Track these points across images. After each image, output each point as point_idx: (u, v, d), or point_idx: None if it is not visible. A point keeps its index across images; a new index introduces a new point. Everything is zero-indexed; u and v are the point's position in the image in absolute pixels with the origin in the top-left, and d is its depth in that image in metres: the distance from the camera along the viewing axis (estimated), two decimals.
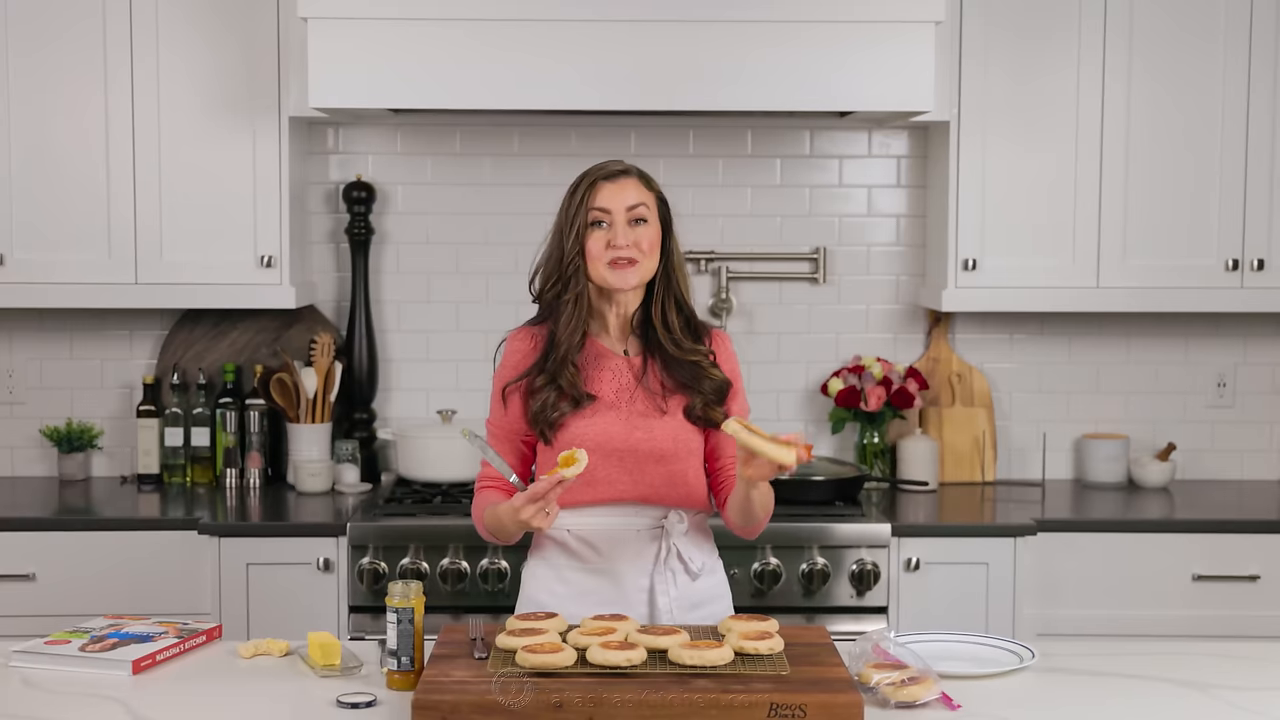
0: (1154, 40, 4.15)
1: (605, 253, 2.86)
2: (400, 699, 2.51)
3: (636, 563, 2.91)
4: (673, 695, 2.33)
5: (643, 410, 2.89)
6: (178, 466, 4.43)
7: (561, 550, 2.93)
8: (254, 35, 4.10)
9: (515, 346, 2.95)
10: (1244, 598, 3.99)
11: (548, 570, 2.95)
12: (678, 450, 2.89)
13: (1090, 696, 2.57)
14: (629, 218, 2.87)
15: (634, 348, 2.96)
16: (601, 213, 2.87)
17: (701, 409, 2.91)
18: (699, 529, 2.98)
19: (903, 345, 4.58)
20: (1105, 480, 4.45)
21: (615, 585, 2.90)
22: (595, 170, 2.92)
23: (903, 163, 4.52)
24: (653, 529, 2.91)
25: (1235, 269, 4.19)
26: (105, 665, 2.66)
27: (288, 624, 3.77)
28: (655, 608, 2.90)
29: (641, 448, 2.87)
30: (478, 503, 2.95)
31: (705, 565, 2.96)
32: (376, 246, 4.50)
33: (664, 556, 2.91)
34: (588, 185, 2.89)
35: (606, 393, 2.89)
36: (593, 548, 2.91)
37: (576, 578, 2.92)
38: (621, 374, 2.92)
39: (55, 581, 3.91)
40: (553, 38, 3.81)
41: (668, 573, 2.91)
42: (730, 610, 3.01)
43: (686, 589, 2.93)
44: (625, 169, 2.93)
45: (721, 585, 3.02)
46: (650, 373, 2.92)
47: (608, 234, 2.86)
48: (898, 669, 2.51)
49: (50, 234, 4.14)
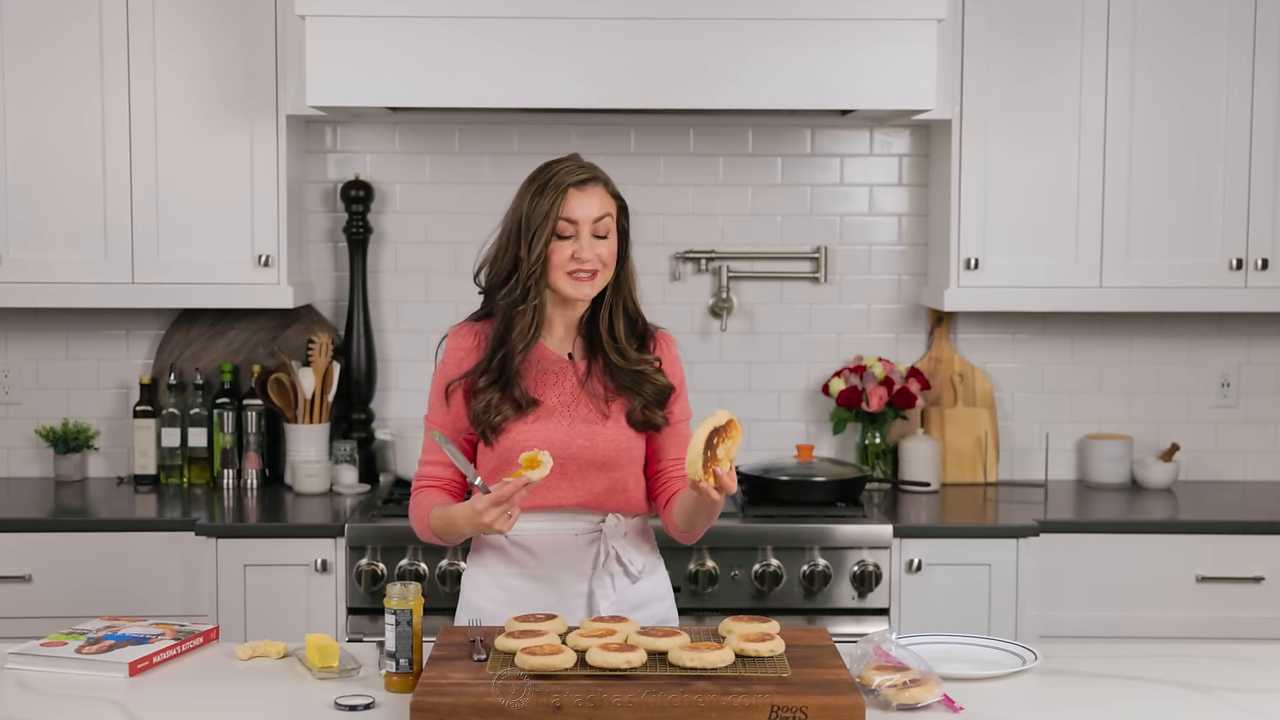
0: (1157, 38, 4.14)
1: (568, 263, 2.81)
2: (399, 701, 2.50)
3: (575, 567, 2.89)
4: (673, 697, 2.32)
5: (585, 415, 2.87)
6: (174, 467, 4.42)
7: (499, 556, 2.91)
8: (251, 33, 4.09)
9: (458, 344, 2.91)
10: (1248, 599, 3.98)
11: (486, 576, 2.93)
12: (619, 458, 2.87)
13: (1093, 698, 2.56)
14: (593, 230, 2.82)
15: (579, 350, 2.93)
16: (568, 224, 2.80)
17: (643, 413, 2.89)
18: (638, 532, 2.95)
19: (904, 345, 4.57)
20: (1108, 481, 4.44)
21: (554, 590, 2.88)
22: (561, 174, 2.82)
23: (904, 161, 4.51)
24: (591, 533, 2.89)
25: (1239, 268, 4.19)
26: (101, 667, 2.65)
27: (285, 626, 3.77)
28: (595, 612, 2.87)
29: (583, 455, 2.84)
30: (419, 502, 2.90)
31: (645, 566, 2.94)
32: (375, 246, 4.49)
33: (603, 560, 2.89)
34: (556, 192, 2.80)
35: (550, 397, 2.87)
36: (530, 553, 2.88)
37: (515, 583, 2.90)
38: (565, 377, 2.89)
39: (51, 583, 3.90)
40: (552, 35, 3.80)
41: (606, 576, 2.89)
42: (673, 609, 3.00)
43: (626, 592, 2.91)
44: (593, 175, 2.85)
45: (664, 584, 3.00)
46: (594, 376, 2.90)
47: (573, 245, 2.80)
48: (899, 671, 2.50)
49: (46, 233, 4.13)
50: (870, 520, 3.92)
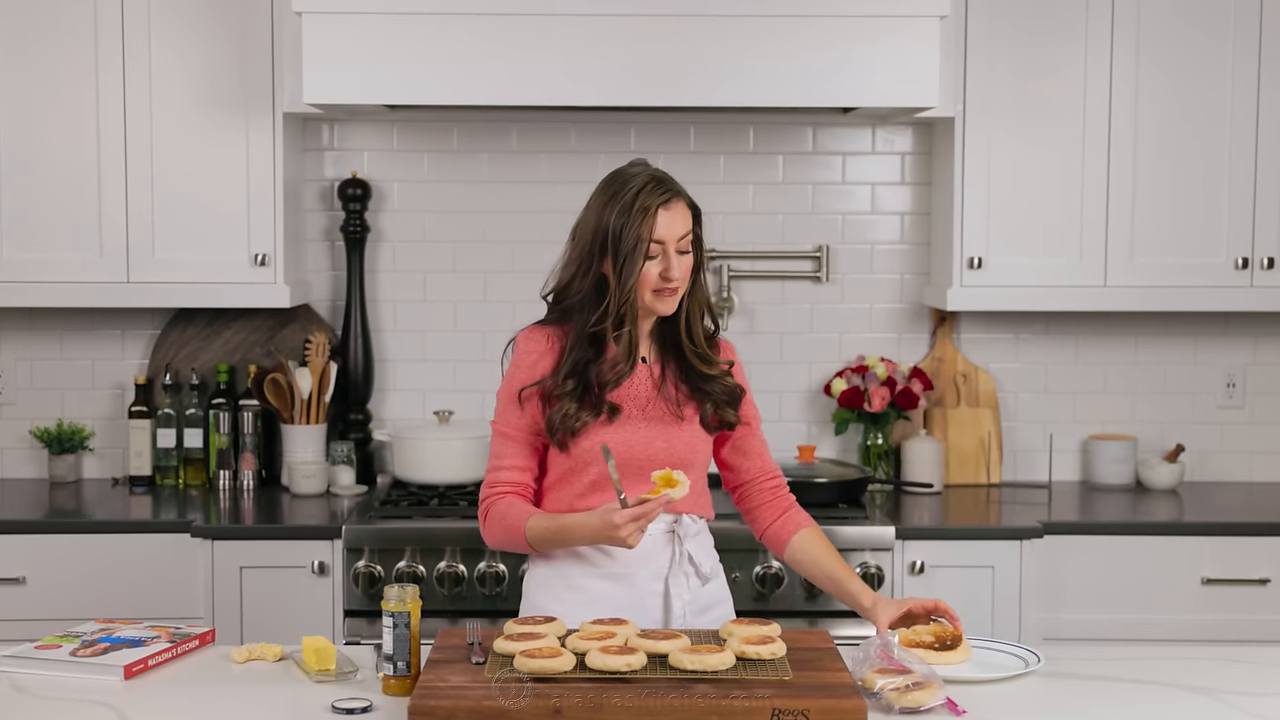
0: (1162, 35, 4.13)
1: (657, 282, 2.82)
2: (396, 704, 2.50)
3: (651, 566, 2.91)
4: (673, 700, 2.32)
5: (661, 418, 2.89)
6: (170, 468, 4.41)
7: (572, 557, 2.91)
8: (248, 30, 4.08)
9: (529, 347, 2.90)
10: (1254, 601, 3.97)
11: (556, 578, 2.92)
12: (694, 460, 2.91)
13: (1097, 702, 2.56)
14: (678, 247, 2.83)
15: (652, 354, 2.94)
16: (658, 245, 2.81)
17: (716, 414, 2.93)
18: (704, 534, 3.01)
19: (907, 345, 4.55)
20: (1113, 482, 4.43)
21: (630, 589, 2.89)
22: (645, 194, 2.80)
23: (907, 159, 4.50)
24: (665, 533, 2.92)
25: (1245, 267, 4.17)
26: (97, 670, 2.64)
27: (282, 628, 3.75)
28: (670, 611, 2.90)
29: (661, 457, 2.87)
30: (505, 510, 2.87)
31: (713, 569, 3.00)
32: (372, 245, 4.48)
33: (678, 560, 2.91)
34: (645, 215, 2.78)
35: (627, 401, 2.88)
36: (607, 553, 2.89)
37: (588, 584, 2.90)
38: (641, 381, 2.91)
39: (46, 585, 3.89)
40: (551, 32, 3.79)
41: (681, 576, 2.92)
42: (732, 614, 3.03)
43: (698, 592, 2.95)
44: (674, 190, 2.85)
45: (724, 589, 3.05)
46: (668, 380, 2.92)
47: (661, 264, 2.81)
48: (902, 674, 2.49)
49: (40, 232, 4.12)
50: (872, 522, 3.91)
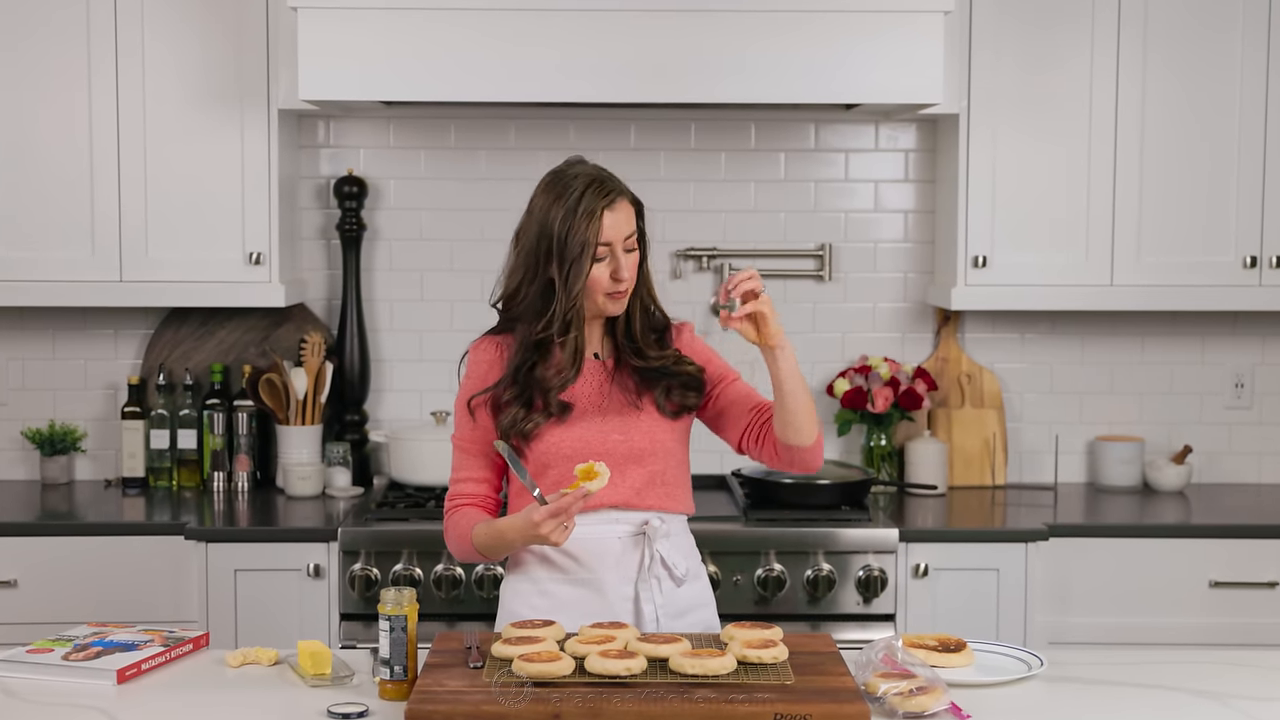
0: (1169, 30, 4.12)
1: (608, 284, 2.80)
2: (393, 709, 2.49)
3: (619, 571, 2.88)
4: (674, 705, 2.31)
5: (618, 410, 2.87)
6: (163, 470, 4.40)
7: (541, 562, 2.90)
8: (242, 26, 4.07)
9: (479, 358, 2.92)
10: (1262, 605, 3.96)
11: (527, 584, 2.92)
12: (655, 449, 2.88)
13: (1103, 706, 2.55)
14: (625, 246, 2.81)
15: (605, 349, 2.93)
16: (605, 247, 2.78)
17: (670, 399, 2.88)
18: (681, 533, 2.96)
19: (910, 345, 4.54)
20: (1119, 484, 4.42)
21: (599, 595, 2.87)
22: (588, 196, 2.77)
23: (910, 157, 4.49)
24: (634, 535, 2.89)
25: (1253, 266, 4.16)
26: (89, 674, 2.64)
27: (277, 632, 3.74)
28: (641, 616, 2.87)
29: (619, 449, 2.85)
30: (457, 521, 2.89)
31: (689, 570, 2.94)
32: (368, 243, 4.46)
33: (647, 564, 2.88)
34: (590, 219, 2.75)
35: (580, 397, 2.86)
36: (573, 558, 2.87)
37: (558, 590, 2.89)
38: (595, 375, 2.90)
39: (37, 588, 3.88)
40: (549, 28, 3.78)
41: (652, 580, 2.88)
42: (715, 617, 3.00)
43: (672, 595, 2.91)
44: (616, 189, 2.81)
45: (706, 592, 3.01)
46: (623, 370, 2.91)
47: (610, 265, 2.79)
48: (905, 678, 2.49)
49: (32, 230, 4.11)
50: (875, 524, 3.89)
